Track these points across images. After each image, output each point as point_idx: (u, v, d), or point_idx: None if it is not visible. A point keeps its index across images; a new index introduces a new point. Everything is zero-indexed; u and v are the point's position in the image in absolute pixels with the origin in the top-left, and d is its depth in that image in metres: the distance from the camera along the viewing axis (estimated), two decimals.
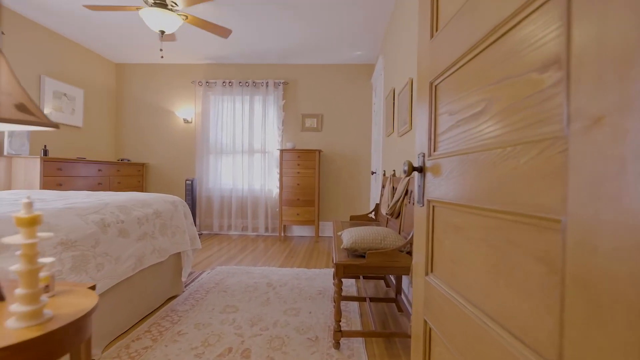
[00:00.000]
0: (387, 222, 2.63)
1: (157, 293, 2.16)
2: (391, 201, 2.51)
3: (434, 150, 1.02)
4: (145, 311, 2.04)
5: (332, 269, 3.13)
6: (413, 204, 1.91)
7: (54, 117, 3.86)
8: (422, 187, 1.08)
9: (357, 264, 1.67)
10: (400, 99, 2.57)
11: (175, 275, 2.38)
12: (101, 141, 4.70)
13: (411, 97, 2.26)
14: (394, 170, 2.65)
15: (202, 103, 4.80)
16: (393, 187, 2.57)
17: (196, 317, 2.03)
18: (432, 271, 1.02)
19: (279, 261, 3.46)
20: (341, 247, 1.77)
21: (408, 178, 2.08)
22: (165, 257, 2.17)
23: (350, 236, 1.80)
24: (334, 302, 2.20)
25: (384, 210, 2.49)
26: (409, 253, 1.73)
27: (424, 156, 1.08)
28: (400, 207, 2.19)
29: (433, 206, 1.02)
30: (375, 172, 4.00)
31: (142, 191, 4.79)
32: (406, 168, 1.06)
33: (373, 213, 3.12)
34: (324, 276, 2.91)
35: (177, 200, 2.44)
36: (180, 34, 3.90)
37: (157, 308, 2.17)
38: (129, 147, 4.98)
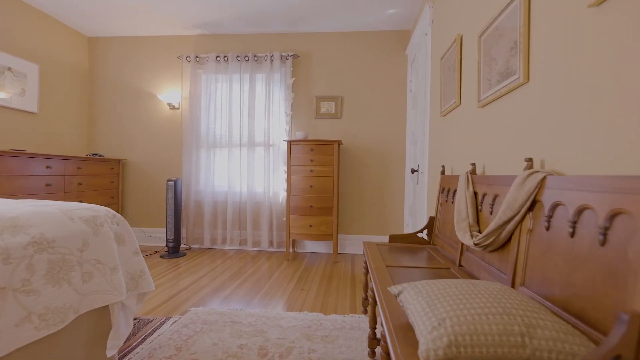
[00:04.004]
0: (461, 253, 1.55)
1: None
2: (470, 218, 1.44)
3: None
4: None
5: (363, 315, 2.07)
6: (571, 233, 0.83)
7: None
8: None
9: None
10: (489, 41, 1.49)
11: (98, 344, 1.37)
12: (67, 132, 3.77)
13: (528, 24, 1.18)
14: (474, 165, 1.57)
15: (191, 84, 3.81)
16: (475, 194, 1.49)
17: None
18: None
19: (285, 293, 2.43)
20: (420, 354, 0.70)
21: (542, 176, 1.00)
22: (65, 322, 1.16)
23: (435, 318, 0.73)
24: None
25: (463, 236, 1.41)
26: None
27: None
28: (514, 234, 1.11)
29: None
30: (418, 170, 2.91)
31: (116, 195, 3.83)
32: None
33: (425, 232, 2.04)
34: (351, 332, 1.85)
35: (102, 214, 1.42)
36: None
37: None
38: (104, 140, 4.04)
